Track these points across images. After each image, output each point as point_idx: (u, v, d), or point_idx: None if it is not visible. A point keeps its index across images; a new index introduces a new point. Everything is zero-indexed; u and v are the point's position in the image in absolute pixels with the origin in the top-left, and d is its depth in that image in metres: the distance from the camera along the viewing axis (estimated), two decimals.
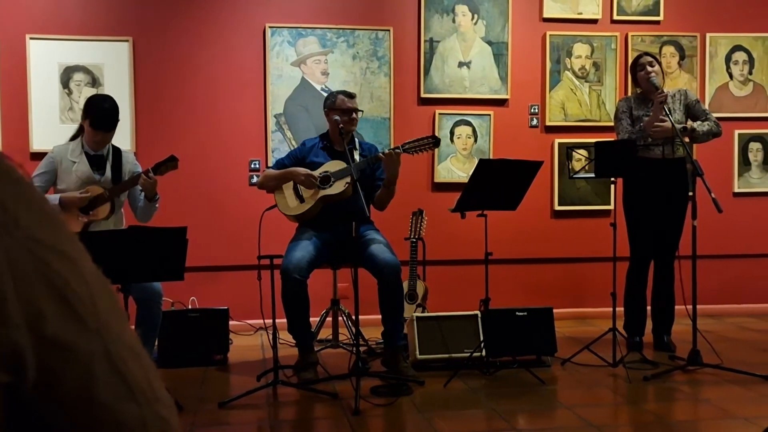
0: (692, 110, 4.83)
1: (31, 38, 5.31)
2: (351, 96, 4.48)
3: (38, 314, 0.46)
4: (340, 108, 4.39)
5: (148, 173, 4.06)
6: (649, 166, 4.69)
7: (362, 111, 4.61)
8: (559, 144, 5.87)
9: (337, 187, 4.28)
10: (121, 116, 5.23)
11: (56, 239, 0.49)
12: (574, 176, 5.07)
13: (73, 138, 4.24)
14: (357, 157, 4.34)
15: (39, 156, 4.50)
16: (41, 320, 0.46)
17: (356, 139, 4.54)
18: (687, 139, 4.70)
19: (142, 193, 4.21)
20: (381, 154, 4.25)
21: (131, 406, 0.50)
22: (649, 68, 4.77)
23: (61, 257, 0.49)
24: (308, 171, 4.31)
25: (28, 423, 0.46)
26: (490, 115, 5.83)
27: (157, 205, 4.25)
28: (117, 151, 4.29)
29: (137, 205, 4.32)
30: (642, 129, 4.72)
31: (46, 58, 5.34)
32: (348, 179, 4.20)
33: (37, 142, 5.27)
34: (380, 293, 4.24)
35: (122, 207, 4.32)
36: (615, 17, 5.98)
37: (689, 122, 4.80)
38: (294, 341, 4.34)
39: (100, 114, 4.08)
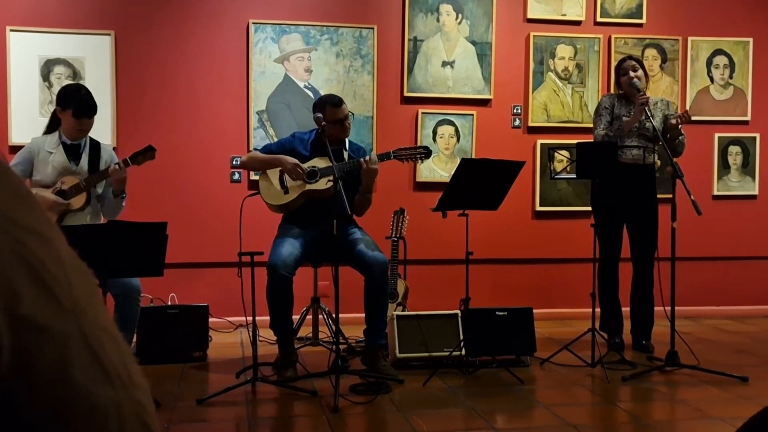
0: (672, 126, 4.85)
1: (11, 30, 5.26)
2: (338, 104, 4.34)
3: (13, 295, 0.45)
4: (330, 121, 4.28)
5: (118, 164, 4.04)
6: (620, 169, 4.71)
7: (353, 114, 4.52)
8: (542, 145, 5.90)
9: (322, 184, 4.27)
10: (102, 110, 5.21)
11: (32, 220, 0.48)
12: (556, 177, 5.10)
13: (49, 131, 4.21)
14: (345, 156, 4.33)
15: (17, 149, 4.44)
16: (17, 301, 0.45)
17: (346, 140, 4.50)
18: (660, 142, 4.75)
19: (110, 189, 4.16)
20: (363, 160, 4.23)
21: (107, 390, 0.49)
22: (632, 73, 4.80)
23: (36, 238, 0.48)
24: (297, 162, 4.29)
25: (2, 405, 0.45)
26: (472, 115, 5.84)
27: (123, 204, 4.20)
28: (95, 143, 4.26)
29: (105, 199, 4.26)
30: (620, 128, 4.75)
31: (26, 50, 5.28)
32: (332, 177, 4.19)
33: (16, 135, 5.22)
34: (366, 291, 4.24)
35: (98, 200, 4.28)
36: (598, 19, 6.01)
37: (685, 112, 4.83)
38: (275, 338, 4.34)
39: (81, 101, 4.06)
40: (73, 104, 4.06)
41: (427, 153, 4.37)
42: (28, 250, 0.47)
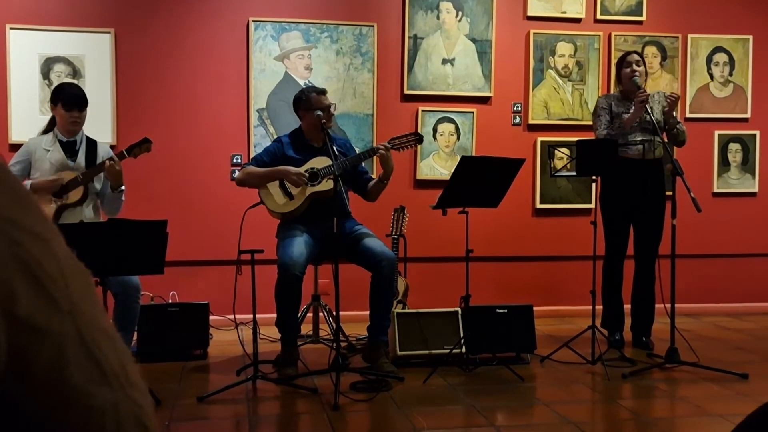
0: (667, 114, 4.87)
1: (11, 28, 5.26)
2: (323, 92, 4.47)
3: (10, 295, 0.45)
4: (317, 107, 4.35)
5: (112, 159, 4.07)
6: (627, 165, 4.72)
7: (335, 104, 4.59)
8: (542, 142, 5.89)
9: (326, 185, 4.27)
10: (102, 108, 5.23)
11: (29, 220, 0.49)
12: (556, 174, 5.09)
13: (45, 132, 4.26)
14: (336, 152, 4.34)
15: (17, 147, 4.46)
16: (13, 301, 0.45)
17: (330, 135, 4.52)
18: (665, 137, 4.77)
19: (108, 184, 4.20)
20: (381, 151, 4.26)
21: (104, 390, 0.49)
22: (636, 67, 4.81)
23: (34, 238, 0.48)
24: (298, 170, 4.30)
25: None
26: (473, 112, 5.84)
27: (122, 198, 4.23)
28: (91, 141, 4.32)
29: (104, 196, 4.29)
30: (621, 126, 4.76)
31: (26, 48, 5.28)
32: (335, 175, 4.21)
33: (16, 133, 5.22)
34: (373, 286, 4.25)
35: (96, 196, 4.30)
36: (598, 17, 6.00)
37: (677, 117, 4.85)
38: (276, 336, 4.34)
39: (69, 93, 4.19)
40: (62, 97, 4.16)
41: (419, 138, 4.43)
42: (25, 251, 0.47)
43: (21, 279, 0.46)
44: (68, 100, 4.14)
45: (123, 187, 4.20)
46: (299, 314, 5.02)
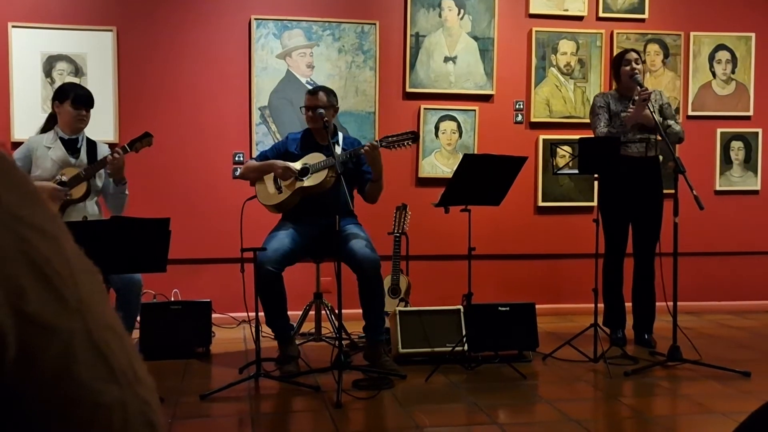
0: (664, 112, 4.88)
1: (13, 26, 5.26)
2: (312, 92, 4.46)
3: (19, 292, 0.46)
4: (304, 106, 4.44)
5: (114, 153, 4.08)
6: (627, 163, 4.72)
7: (323, 110, 4.42)
8: (544, 140, 5.89)
9: (315, 179, 4.28)
10: (104, 107, 5.23)
11: (38, 217, 0.49)
12: (558, 172, 5.09)
13: (45, 130, 4.26)
14: (339, 150, 4.35)
15: (20, 146, 4.46)
16: (22, 298, 0.46)
17: (339, 133, 4.54)
18: (659, 138, 4.77)
19: (111, 179, 4.22)
20: (363, 149, 4.24)
21: (112, 387, 0.49)
22: (635, 65, 4.80)
23: (42, 235, 0.48)
24: (286, 163, 4.33)
25: (5, 401, 0.46)
26: (475, 110, 5.84)
27: (126, 192, 4.24)
28: (91, 141, 4.35)
29: (108, 193, 4.31)
30: (622, 125, 4.75)
31: (28, 47, 5.28)
32: (327, 171, 4.22)
33: (19, 131, 5.22)
34: (360, 288, 4.24)
35: (99, 192, 4.31)
36: (600, 14, 6.00)
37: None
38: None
39: (79, 92, 4.21)
40: (72, 95, 4.18)
41: (414, 137, 4.38)
42: (33, 248, 0.47)
43: (29, 276, 0.46)
44: (78, 97, 4.17)
45: (126, 180, 4.21)
46: (301, 312, 5.05)
